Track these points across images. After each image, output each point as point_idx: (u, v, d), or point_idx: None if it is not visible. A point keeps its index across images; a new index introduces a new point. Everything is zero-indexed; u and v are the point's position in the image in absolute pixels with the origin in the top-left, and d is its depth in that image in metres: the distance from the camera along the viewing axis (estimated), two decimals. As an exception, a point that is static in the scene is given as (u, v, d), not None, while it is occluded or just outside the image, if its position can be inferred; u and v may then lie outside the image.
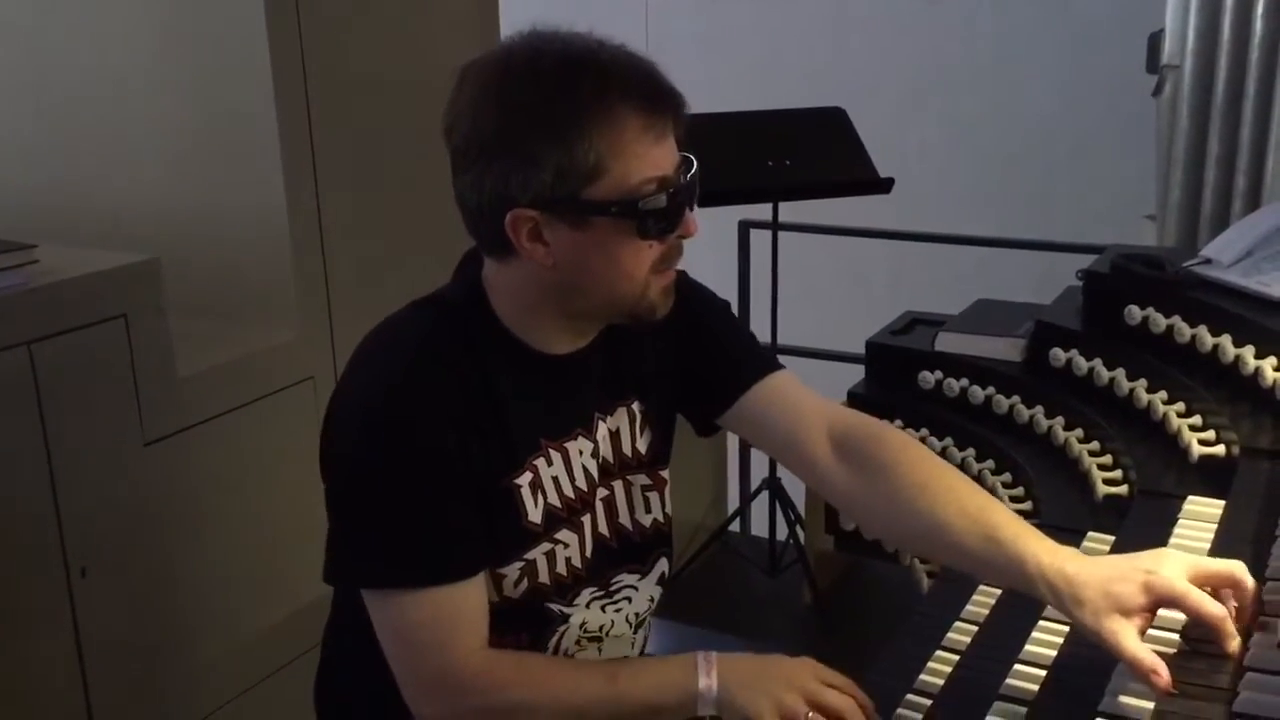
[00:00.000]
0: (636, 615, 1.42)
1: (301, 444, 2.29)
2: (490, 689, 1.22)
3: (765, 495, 3.21)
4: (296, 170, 2.26)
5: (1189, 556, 1.19)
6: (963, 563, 1.28)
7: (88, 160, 2.41)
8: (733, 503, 3.57)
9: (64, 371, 1.85)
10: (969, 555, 1.25)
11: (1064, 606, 1.17)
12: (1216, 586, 1.16)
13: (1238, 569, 1.17)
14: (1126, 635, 1.12)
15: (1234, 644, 1.14)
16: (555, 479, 1.31)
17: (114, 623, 1.96)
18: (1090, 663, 1.22)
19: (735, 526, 3.43)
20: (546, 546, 1.30)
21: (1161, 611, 1.17)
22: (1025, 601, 1.38)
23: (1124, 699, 1.14)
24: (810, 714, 1.15)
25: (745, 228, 3.47)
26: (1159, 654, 1.12)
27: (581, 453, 1.33)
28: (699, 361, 1.43)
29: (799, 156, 2.90)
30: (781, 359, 1.53)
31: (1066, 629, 1.32)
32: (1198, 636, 1.18)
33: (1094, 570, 1.16)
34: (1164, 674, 1.10)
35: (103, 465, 1.93)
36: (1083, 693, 1.17)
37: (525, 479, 1.28)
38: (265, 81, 2.19)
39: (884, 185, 2.89)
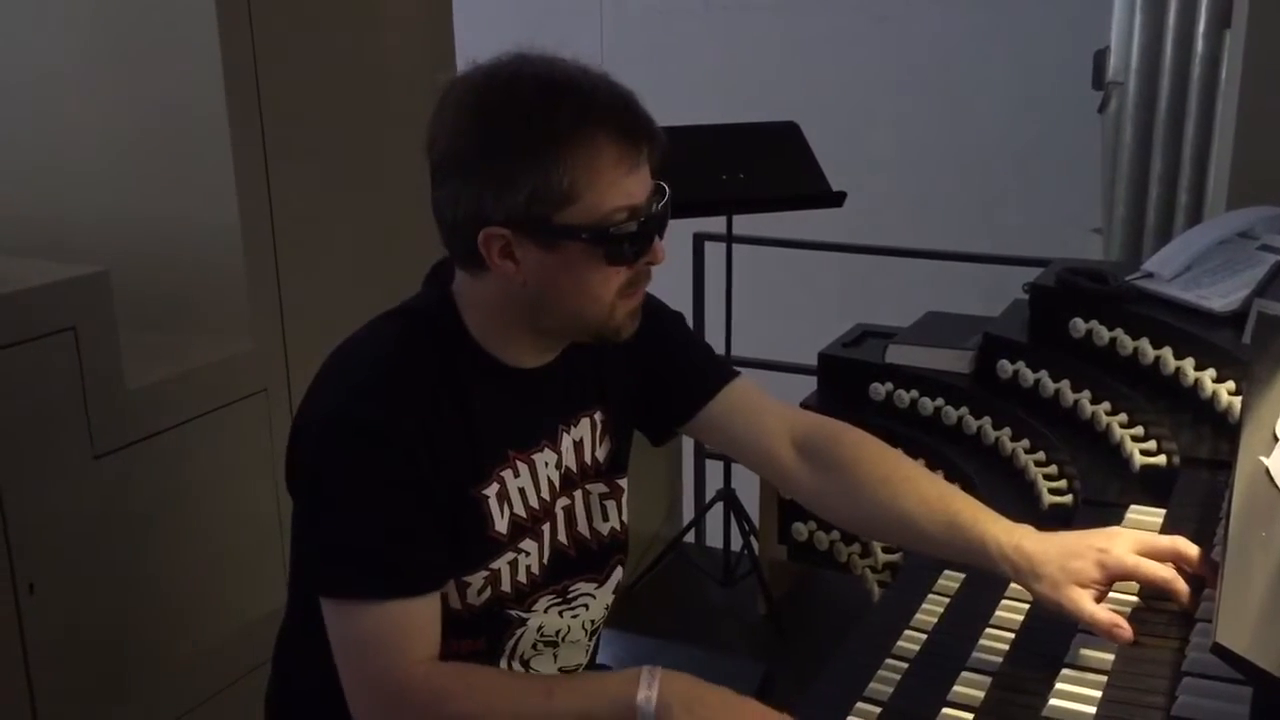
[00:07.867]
0: (592, 622, 1.43)
1: (254, 457, 2.29)
2: (431, 700, 1.22)
3: (720, 506, 3.23)
4: (249, 178, 2.24)
5: (1135, 533, 1.30)
6: (928, 548, 1.38)
7: (24, 167, 2.36)
8: (688, 514, 3.59)
9: (12, 384, 1.83)
10: (933, 541, 1.35)
11: (1024, 581, 1.27)
12: (1162, 559, 1.27)
13: (1180, 543, 1.27)
14: (1084, 600, 1.23)
15: (1185, 592, 1.24)
16: (521, 490, 1.32)
17: (62, 638, 1.94)
18: (1035, 668, 1.25)
19: (690, 537, 3.45)
20: (510, 556, 1.32)
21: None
22: (972, 610, 1.41)
23: (1060, 703, 1.17)
24: None
25: (700, 240, 3.49)
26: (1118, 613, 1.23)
27: (547, 464, 1.35)
28: (660, 372, 1.45)
29: (753, 170, 2.93)
30: (736, 371, 1.55)
31: (1012, 636, 1.34)
32: (1153, 595, 1.29)
33: (1050, 547, 1.27)
34: (1125, 627, 1.22)
35: (51, 479, 1.90)
36: (1028, 698, 1.20)
37: (492, 490, 1.29)
38: (216, 87, 2.17)
39: (837, 199, 2.92)
